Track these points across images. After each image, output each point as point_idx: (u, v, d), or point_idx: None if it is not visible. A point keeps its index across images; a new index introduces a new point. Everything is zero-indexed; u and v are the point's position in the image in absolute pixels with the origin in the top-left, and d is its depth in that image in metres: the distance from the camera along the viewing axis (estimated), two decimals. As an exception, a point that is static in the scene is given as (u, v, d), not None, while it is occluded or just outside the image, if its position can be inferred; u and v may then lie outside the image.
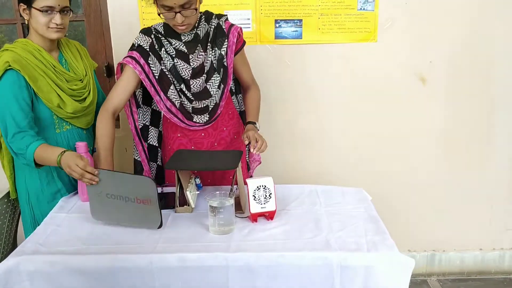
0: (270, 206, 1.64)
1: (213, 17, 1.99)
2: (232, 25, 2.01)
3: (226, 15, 2.05)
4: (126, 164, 2.70)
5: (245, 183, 1.68)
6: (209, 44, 1.96)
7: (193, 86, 1.97)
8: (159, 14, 1.85)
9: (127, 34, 2.54)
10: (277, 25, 2.51)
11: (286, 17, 2.52)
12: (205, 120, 2.02)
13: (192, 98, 1.98)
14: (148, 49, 1.93)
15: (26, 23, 1.88)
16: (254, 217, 1.64)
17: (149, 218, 1.61)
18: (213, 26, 1.97)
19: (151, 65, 1.92)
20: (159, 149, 2.16)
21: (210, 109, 2.01)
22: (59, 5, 1.83)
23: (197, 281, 1.44)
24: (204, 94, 1.98)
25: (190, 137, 2.06)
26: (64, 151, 1.74)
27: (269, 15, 2.51)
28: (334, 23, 2.54)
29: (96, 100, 2.06)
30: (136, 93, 2.07)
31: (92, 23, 2.62)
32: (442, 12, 2.55)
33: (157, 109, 2.12)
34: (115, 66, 2.61)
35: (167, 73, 1.94)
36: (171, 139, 2.09)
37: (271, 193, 1.64)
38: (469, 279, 2.91)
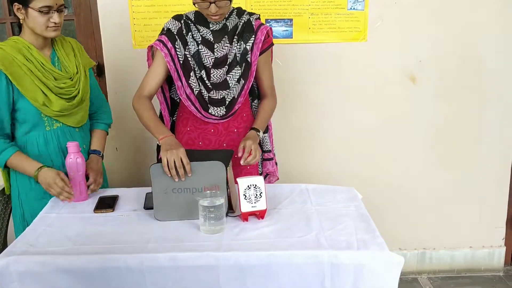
0: (260, 205, 1.64)
1: (245, 13, 2.01)
2: (262, 24, 2.01)
3: (259, 14, 2.05)
4: (117, 163, 2.70)
5: (236, 183, 1.68)
6: (235, 36, 1.97)
7: (213, 76, 1.98)
8: (194, 4, 1.89)
9: (117, 33, 2.54)
10: (268, 24, 2.52)
11: (276, 17, 2.53)
12: (221, 113, 2.01)
13: (211, 87, 1.98)
14: (175, 33, 1.96)
15: (21, 22, 1.87)
16: (244, 216, 1.64)
17: None
18: (243, 21, 1.98)
19: (177, 49, 1.95)
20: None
21: (227, 102, 2.00)
22: (56, 4, 1.84)
23: (188, 280, 1.43)
24: (222, 85, 1.99)
25: (199, 131, 2.05)
26: (41, 167, 1.83)
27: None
28: (325, 22, 2.55)
29: (87, 98, 2.04)
30: None
31: (82, 23, 2.60)
32: (431, 12, 2.57)
33: (175, 98, 2.14)
34: (106, 65, 2.62)
35: (189, 58, 1.96)
36: (181, 133, 2.10)
37: (261, 192, 1.64)
38: (459, 277, 2.93)
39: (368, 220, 1.64)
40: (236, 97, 2.00)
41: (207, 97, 1.99)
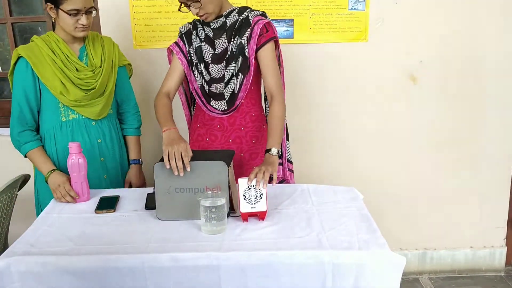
0: (260, 207, 1.63)
1: (248, 10, 2.02)
2: (261, 19, 1.99)
3: (263, 12, 2.04)
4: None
5: (237, 183, 1.68)
6: (233, 32, 1.99)
7: (212, 70, 2.03)
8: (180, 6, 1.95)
9: (118, 33, 2.54)
10: (269, 24, 2.52)
11: (277, 17, 2.53)
12: (223, 107, 2.05)
13: (210, 82, 2.04)
14: (184, 33, 2.08)
15: (53, 20, 2.01)
16: (244, 217, 1.64)
17: None
18: (242, 17, 2.00)
19: (186, 46, 2.06)
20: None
21: (226, 96, 2.03)
22: (85, 7, 1.93)
23: (189, 280, 1.43)
24: (220, 80, 2.03)
25: (207, 127, 2.10)
26: (54, 170, 1.95)
27: (260, 15, 2.51)
28: (325, 22, 2.55)
29: (109, 92, 2.10)
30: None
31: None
32: (432, 12, 2.57)
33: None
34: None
35: (193, 54, 2.05)
36: (192, 130, 2.18)
37: (262, 194, 1.63)
38: (460, 277, 2.93)
39: (369, 220, 1.64)
40: (236, 92, 2.02)
41: (207, 90, 2.05)
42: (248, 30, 1.98)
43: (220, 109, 2.05)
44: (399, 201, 2.84)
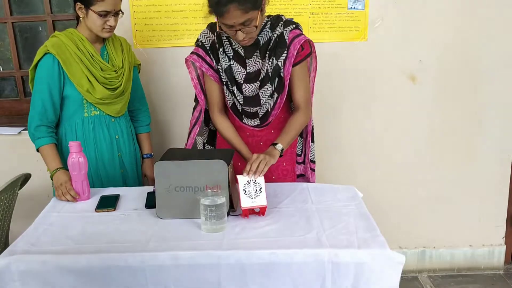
0: (260, 201, 1.65)
1: (280, 24, 1.90)
2: (297, 36, 1.90)
3: (296, 23, 1.95)
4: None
5: (236, 181, 1.68)
6: (268, 52, 1.90)
7: (245, 90, 1.97)
8: (220, 29, 1.82)
9: (118, 33, 2.53)
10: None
11: (277, 16, 2.52)
12: (255, 124, 2.04)
13: (243, 102, 1.99)
14: (208, 48, 1.96)
15: (81, 20, 2.03)
16: (245, 213, 1.65)
17: None
18: (276, 35, 1.89)
19: (214, 64, 1.97)
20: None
21: (260, 115, 2.01)
22: (114, 10, 2.00)
23: (189, 279, 1.44)
24: (255, 100, 1.98)
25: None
26: (60, 168, 1.98)
27: (260, 14, 2.52)
28: (325, 22, 2.56)
29: (128, 91, 2.21)
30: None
31: (83, 22, 2.61)
32: (431, 11, 2.57)
33: None
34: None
35: (222, 74, 1.97)
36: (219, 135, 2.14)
37: (261, 188, 1.65)
38: (459, 275, 2.94)
39: (369, 219, 1.65)
40: (270, 110, 1.99)
41: (240, 109, 2.02)
42: (285, 51, 1.88)
43: (253, 125, 2.04)
44: (398, 200, 2.85)
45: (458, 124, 2.75)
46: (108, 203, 1.80)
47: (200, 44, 1.98)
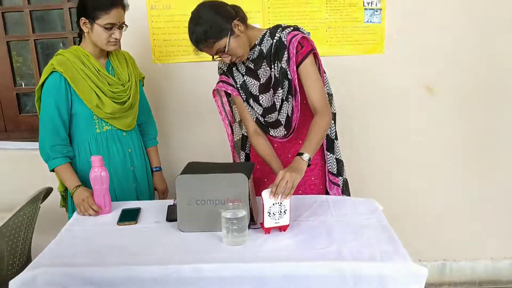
0: (284, 221, 1.64)
1: (279, 30, 1.94)
2: (295, 35, 1.90)
3: (295, 26, 1.96)
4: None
5: (259, 195, 1.69)
6: (272, 58, 1.95)
7: (262, 101, 2.02)
8: (213, 59, 1.94)
9: (137, 48, 2.58)
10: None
11: (294, 30, 2.54)
12: (282, 134, 2.04)
13: (263, 113, 2.03)
14: (226, 70, 2.06)
15: (85, 35, 2.04)
16: (267, 231, 1.64)
17: None
18: (275, 40, 1.93)
19: (234, 83, 2.04)
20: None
21: (283, 123, 2.01)
22: (119, 22, 2.01)
23: (212, 291, 1.45)
24: (272, 108, 2.01)
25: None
26: (79, 186, 1.98)
27: (277, 28, 2.54)
28: (342, 35, 2.57)
29: (136, 105, 2.22)
30: (233, 108, 2.17)
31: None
32: (448, 23, 2.58)
33: None
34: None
35: (240, 91, 2.04)
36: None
37: (286, 210, 1.63)
38: (480, 289, 2.90)
39: (390, 232, 1.64)
40: (290, 114, 1.98)
41: (263, 121, 2.05)
42: (285, 52, 1.90)
43: (280, 135, 2.05)
44: (417, 212, 2.83)
45: (477, 135, 2.73)
46: (129, 217, 1.82)
47: (221, 71, 2.08)
